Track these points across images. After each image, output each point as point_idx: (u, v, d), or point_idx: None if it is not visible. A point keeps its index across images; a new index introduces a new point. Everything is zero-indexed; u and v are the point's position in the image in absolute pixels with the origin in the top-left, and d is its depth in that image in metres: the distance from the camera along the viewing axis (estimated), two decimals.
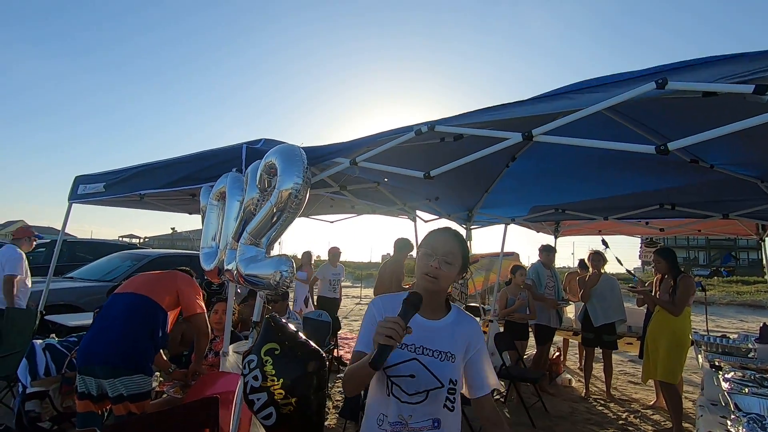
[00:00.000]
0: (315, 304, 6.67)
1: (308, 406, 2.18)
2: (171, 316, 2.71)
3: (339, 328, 5.75)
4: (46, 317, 4.32)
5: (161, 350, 2.88)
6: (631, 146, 1.45)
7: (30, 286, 4.81)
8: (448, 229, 1.49)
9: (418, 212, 4.89)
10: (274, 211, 2.11)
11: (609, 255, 6.04)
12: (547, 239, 6.76)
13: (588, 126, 2.56)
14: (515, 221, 5.16)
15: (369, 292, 21.47)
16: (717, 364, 2.62)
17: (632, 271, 7.08)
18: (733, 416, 1.60)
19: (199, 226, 3.10)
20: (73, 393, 2.58)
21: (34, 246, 5.01)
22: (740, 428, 1.48)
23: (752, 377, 2.20)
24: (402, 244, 5.14)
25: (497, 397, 4.69)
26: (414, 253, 5.46)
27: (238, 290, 4.37)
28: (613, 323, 5.16)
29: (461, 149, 2.09)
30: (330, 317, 5.39)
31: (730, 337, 4.01)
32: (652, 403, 4.93)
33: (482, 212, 4.84)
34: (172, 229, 54.58)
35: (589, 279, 5.17)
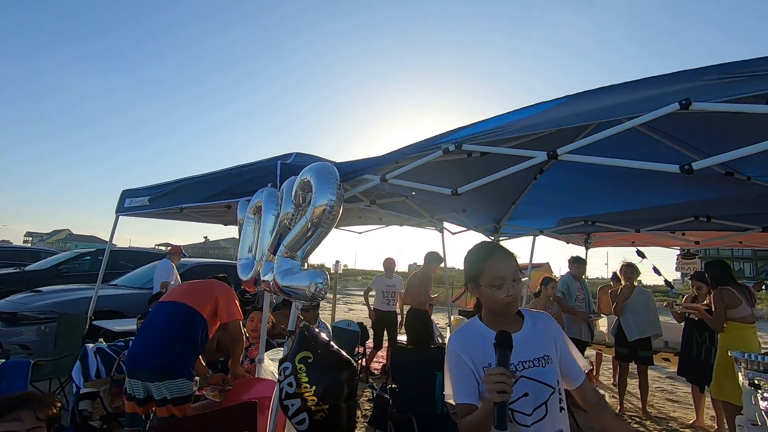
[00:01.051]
0: (371, 317, 6.15)
1: (339, 414, 2.27)
2: (211, 323, 2.86)
3: (367, 338, 5.84)
4: (94, 322, 4.61)
5: (200, 356, 3.05)
6: (654, 165, 1.48)
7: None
8: (495, 249, 1.44)
9: (446, 224, 4.96)
10: (309, 225, 2.23)
11: (646, 266, 5.90)
12: (578, 250, 6.66)
13: (615, 140, 2.58)
14: (543, 233, 5.12)
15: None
16: (756, 382, 2.54)
17: (671, 282, 6.85)
18: None
19: (230, 235, 3.29)
20: (122, 394, 2.76)
21: (179, 260, 6.62)
22: None
23: None
24: (432, 257, 5.54)
25: None
26: (443, 265, 5.56)
27: (274, 299, 4.54)
28: (648, 338, 5.02)
29: (488, 164, 2.16)
30: (385, 330, 5.92)
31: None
32: (691, 422, 4.74)
33: (510, 224, 4.84)
34: (205, 238, 56.44)
35: (621, 292, 5.05)
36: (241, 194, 3.39)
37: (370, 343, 5.93)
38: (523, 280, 1.50)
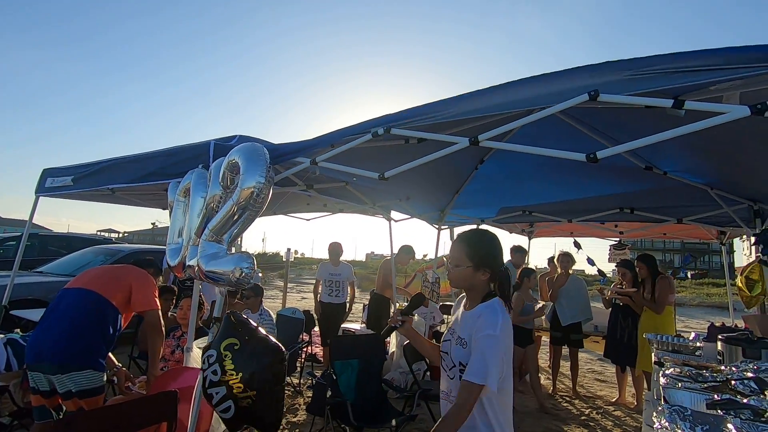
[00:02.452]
0: (316, 312, 5.59)
1: (266, 400, 2.23)
2: (125, 312, 2.68)
3: (314, 325, 5.80)
4: (12, 312, 4.25)
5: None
6: (563, 153, 1.54)
7: None
8: (460, 234, 1.74)
9: (392, 211, 4.98)
10: (236, 209, 2.15)
11: (581, 256, 6.26)
12: (521, 240, 6.91)
13: (539, 127, 2.67)
14: (485, 222, 5.28)
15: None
16: (661, 360, 2.76)
17: (603, 271, 7.34)
18: (659, 408, 1.72)
19: None
20: None
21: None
22: (662, 419, 1.59)
23: (689, 373, 2.33)
24: (404, 249, 5.83)
25: None
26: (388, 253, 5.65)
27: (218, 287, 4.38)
28: (579, 322, 5.34)
29: (418, 151, 2.16)
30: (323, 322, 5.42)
31: (685, 336, 4.20)
32: (614, 400, 5.10)
33: (453, 213, 4.94)
34: (153, 224, 53.66)
35: (557, 279, 5.32)
36: (172, 175, 3.21)
37: (316, 329, 5.90)
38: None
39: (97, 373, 2.43)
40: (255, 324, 2.41)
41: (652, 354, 3.26)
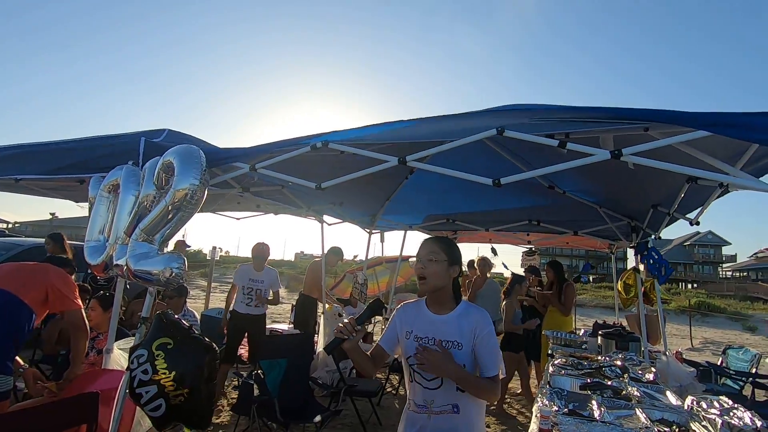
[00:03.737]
0: (224, 323, 4.91)
1: (199, 396, 2.28)
2: (39, 313, 2.55)
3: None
4: None
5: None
6: (474, 177, 1.83)
7: None
8: (428, 237, 1.74)
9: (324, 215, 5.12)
10: (169, 209, 2.17)
11: (498, 260, 6.86)
12: None
13: (465, 150, 3.01)
14: (413, 228, 5.62)
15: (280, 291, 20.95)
16: (551, 353, 3.24)
17: (516, 274, 8.05)
18: (543, 390, 2.07)
19: (85, 213, 2.96)
20: None
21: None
22: (544, 399, 1.94)
23: (571, 362, 2.78)
24: (332, 251, 5.68)
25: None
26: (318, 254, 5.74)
27: (127, 285, 4.18)
28: (494, 322, 5.86)
29: (353, 164, 2.35)
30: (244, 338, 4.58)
31: (577, 333, 4.86)
32: (519, 391, 5.68)
33: (384, 218, 5.21)
34: (52, 214, 47.89)
35: (475, 282, 5.81)
36: (96, 169, 3.06)
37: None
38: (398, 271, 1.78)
39: (6, 377, 2.29)
40: (187, 324, 2.44)
41: (549, 349, 3.78)
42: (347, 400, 4.07)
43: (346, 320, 1.49)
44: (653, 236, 3.84)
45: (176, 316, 2.37)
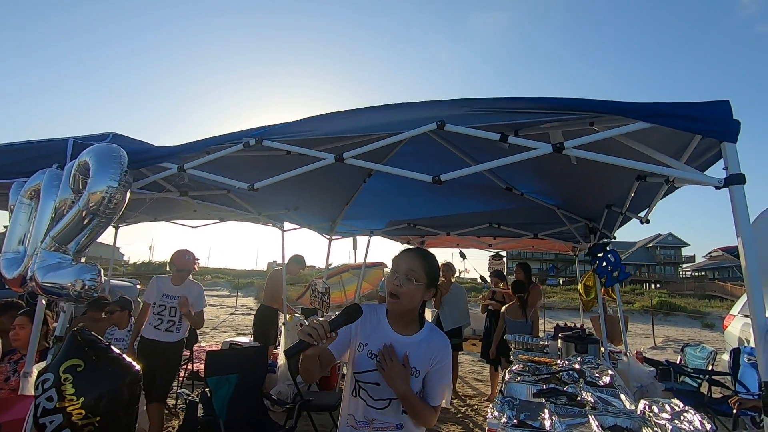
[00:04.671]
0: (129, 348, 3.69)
1: (115, 424, 2.05)
2: None
3: (195, 341, 5.42)
4: None
5: None
6: (415, 174, 1.71)
7: None
8: (412, 248, 1.58)
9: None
10: (84, 214, 1.96)
11: (468, 264, 6.80)
12: None
13: (415, 145, 2.91)
14: (375, 233, 5.49)
15: (246, 301, 20.39)
16: (511, 359, 3.15)
17: (486, 278, 8.07)
18: (496, 400, 1.96)
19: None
20: None
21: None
22: (494, 410, 1.83)
23: (529, 368, 2.70)
24: (294, 260, 5.53)
25: None
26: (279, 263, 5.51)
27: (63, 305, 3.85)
28: (460, 327, 5.79)
29: (292, 162, 2.20)
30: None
31: (542, 336, 4.82)
32: (488, 396, 5.61)
33: (344, 223, 5.06)
34: None
35: (440, 287, 5.72)
36: (17, 174, 2.78)
37: (198, 346, 5.52)
38: (366, 278, 1.57)
39: None
40: (107, 342, 2.21)
41: (511, 355, 3.70)
42: (305, 416, 3.85)
43: (316, 320, 1.31)
44: (611, 237, 3.85)
45: (93, 334, 2.13)
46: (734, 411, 3.27)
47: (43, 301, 2.43)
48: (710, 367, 4.62)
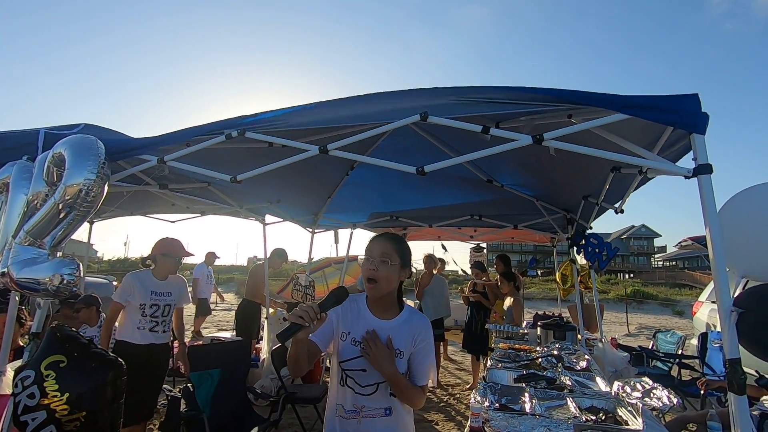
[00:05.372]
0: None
1: (100, 419, 2.02)
2: None
3: (173, 337, 5.34)
4: None
5: None
6: (399, 165, 1.73)
7: None
8: (382, 233, 1.61)
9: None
10: (60, 207, 1.91)
11: (448, 257, 6.90)
12: None
13: (396, 137, 2.92)
14: (357, 226, 5.50)
15: (226, 296, 20.06)
16: (492, 347, 3.23)
17: (466, 271, 8.22)
18: (479, 385, 2.02)
19: None
20: None
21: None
22: (477, 395, 1.88)
23: (510, 355, 2.78)
24: (276, 253, 5.48)
25: None
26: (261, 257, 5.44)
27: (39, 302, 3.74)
28: (442, 318, 5.88)
29: (278, 152, 2.18)
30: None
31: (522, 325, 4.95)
32: (470, 386, 5.72)
33: (327, 216, 5.05)
34: None
35: (422, 279, 5.78)
36: None
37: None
38: (348, 271, 1.57)
39: None
40: (88, 339, 2.16)
41: (492, 342, 3.79)
42: (288, 408, 3.86)
43: (306, 304, 1.33)
44: (588, 227, 3.96)
45: (73, 330, 2.09)
46: (702, 392, 3.45)
47: (17, 298, 2.36)
48: (680, 352, 4.84)
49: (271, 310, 5.40)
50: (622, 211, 2.71)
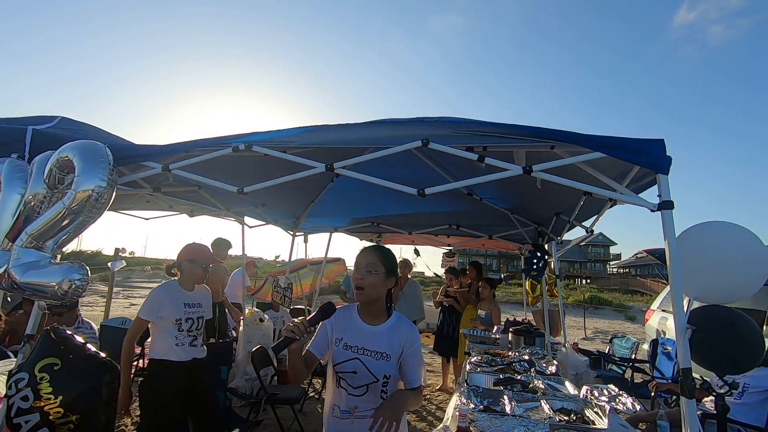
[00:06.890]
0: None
1: (94, 422, 2.06)
2: None
3: (148, 336, 5.25)
4: None
5: None
6: (399, 186, 1.89)
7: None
8: (369, 246, 1.76)
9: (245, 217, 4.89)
10: (66, 213, 1.93)
11: (420, 261, 7.10)
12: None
13: (391, 157, 3.08)
14: (338, 230, 5.61)
15: None
16: (469, 351, 3.44)
17: (439, 275, 8.46)
18: (462, 388, 2.20)
19: None
20: None
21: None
22: (462, 397, 2.06)
23: (486, 360, 2.99)
24: (218, 243, 5.00)
25: None
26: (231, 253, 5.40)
27: (8, 298, 3.63)
28: (415, 321, 6.07)
29: (281, 166, 2.29)
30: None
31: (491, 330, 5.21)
32: (439, 387, 5.94)
33: (308, 220, 5.13)
34: None
35: (396, 283, 5.95)
36: None
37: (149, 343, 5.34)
38: (323, 273, 1.71)
39: None
40: (82, 341, 2.19)
41: (466, 346, 4.00)
42: (268, 409, 3.93)
43: (297, 320, 1.51)
44: (557, 241, 4.26)
45: (68, 332, 2.11)
46: (652, 394, 3.81)
47: (8, 299, 2.34)
48: (633, 356, 5.26)
49: (247, 310, 5.41)
50: (592, 232, 2.98)
